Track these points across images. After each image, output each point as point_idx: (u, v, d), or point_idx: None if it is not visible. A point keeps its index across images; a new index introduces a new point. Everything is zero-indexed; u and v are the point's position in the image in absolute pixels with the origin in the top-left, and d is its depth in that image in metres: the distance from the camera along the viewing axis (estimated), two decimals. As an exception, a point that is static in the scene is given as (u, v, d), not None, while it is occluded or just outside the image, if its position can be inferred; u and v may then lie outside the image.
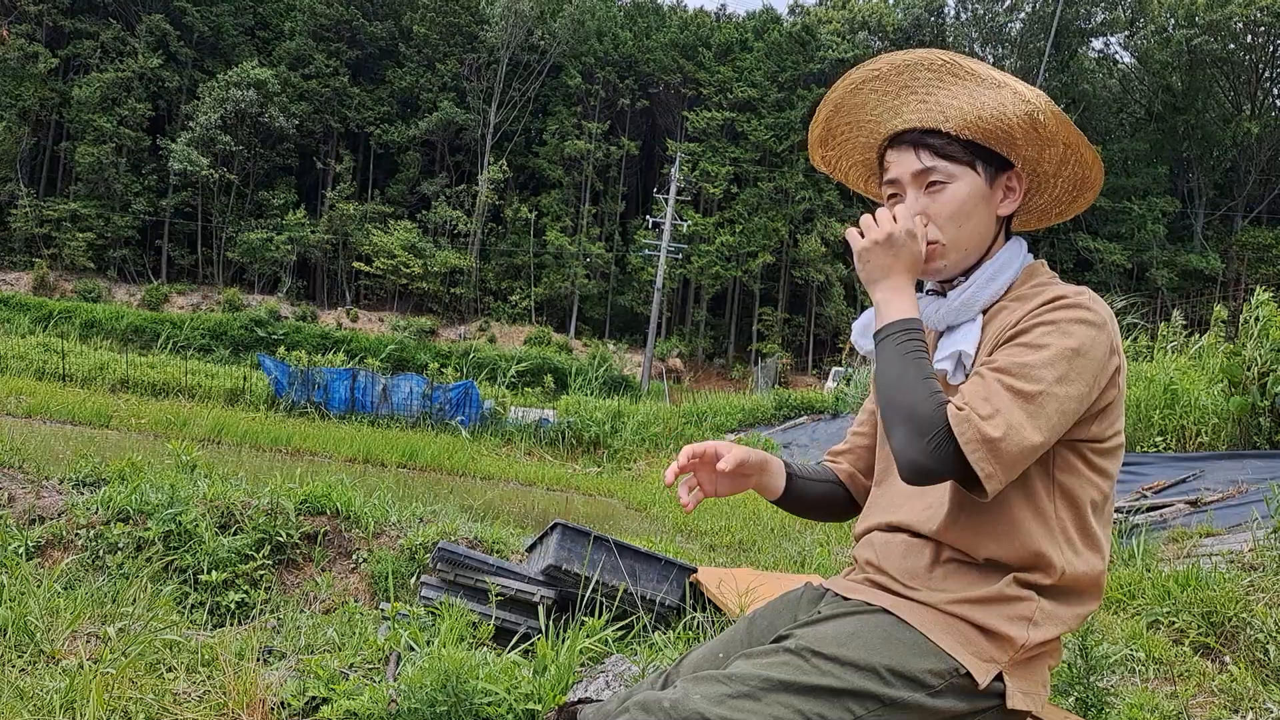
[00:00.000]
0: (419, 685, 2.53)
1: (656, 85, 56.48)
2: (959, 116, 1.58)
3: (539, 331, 49.79)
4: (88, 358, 22.70)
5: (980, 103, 1.57)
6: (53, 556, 4.72)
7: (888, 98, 1.65)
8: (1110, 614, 3.74)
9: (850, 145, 1.78)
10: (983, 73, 1.57)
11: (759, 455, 1.77)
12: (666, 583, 3.92)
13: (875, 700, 1.43)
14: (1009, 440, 1.41)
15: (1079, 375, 1.46)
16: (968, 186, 1.60)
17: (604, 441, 19.10)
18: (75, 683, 2.45)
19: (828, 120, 1.76)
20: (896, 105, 1.64)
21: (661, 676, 1.72)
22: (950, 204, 1.60)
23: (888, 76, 1.63)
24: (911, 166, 1.62)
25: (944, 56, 1.59)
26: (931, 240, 1.61)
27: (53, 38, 50.65)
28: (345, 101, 54.25)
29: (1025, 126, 1.56)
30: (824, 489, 1.88)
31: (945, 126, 1.59)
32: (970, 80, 1.57)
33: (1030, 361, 1.45)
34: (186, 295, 48.86)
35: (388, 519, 5.84)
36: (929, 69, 1.60)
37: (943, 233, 1.61)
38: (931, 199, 1.61)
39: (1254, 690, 2.78)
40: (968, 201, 1.60)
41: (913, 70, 1.61)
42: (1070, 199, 1.75)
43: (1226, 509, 5.75)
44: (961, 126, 1.59)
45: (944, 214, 1.60)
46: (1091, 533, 1.55)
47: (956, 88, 1.58)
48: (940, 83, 1.59)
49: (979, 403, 1.43)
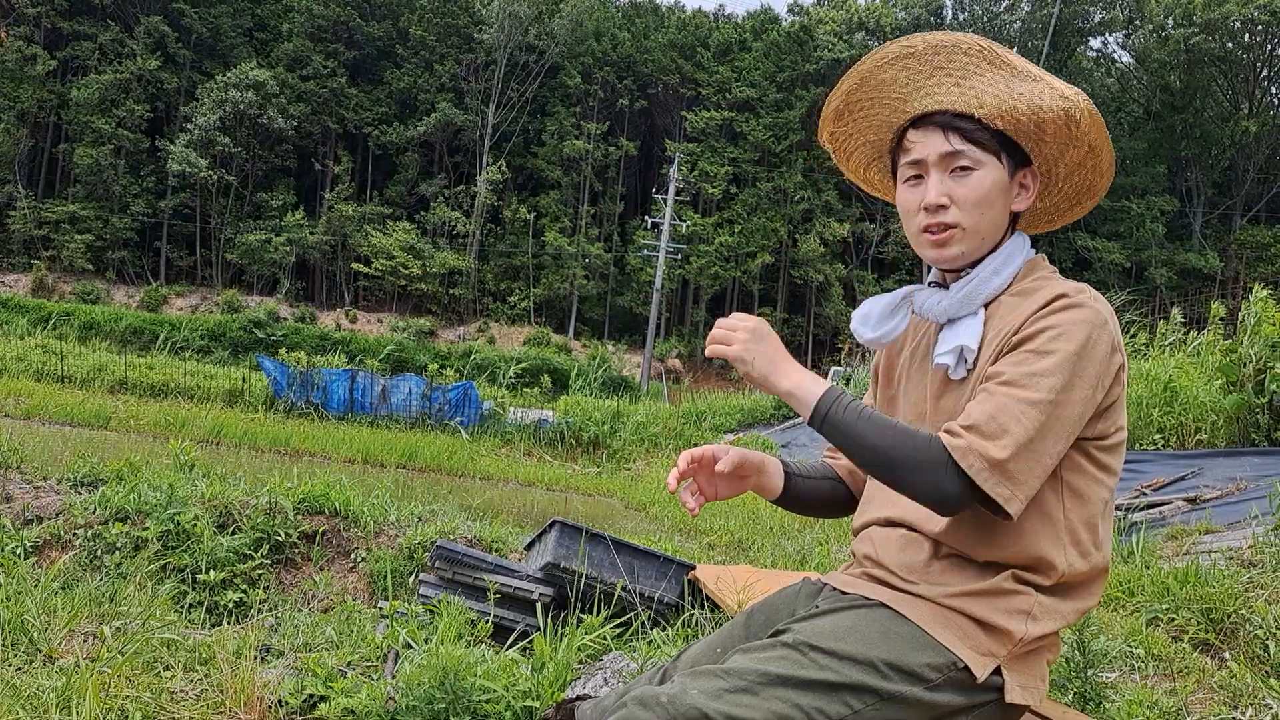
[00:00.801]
0: (417, 683, 2.53)
1: (655, 85, 56.50)
2: (994, 104, 1.56)
3: (538, 332, 49.80)
4: (86, 359, 22.68)
5: (1017, 93, 1.55)
6: (50, 556, 4.72)
7: (920, 76, 1.62)
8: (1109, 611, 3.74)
9: (866, 123, 1.73)
10: (1019, 65, 1.56)
11: (757, 456, 1.77)
12: (665, 580, 3.92)
13: (873, 694, 1.43)
14: (1019, 458, 1.41)
15: (1084, 379, 1.45)
16: (993, 175, 1.59)
17: (603, 442, 19.10)
18: (72, 681, 2.44)
19: (849, 93, 1.71)
20: (929, 85, 1.61)
21: (659, 672, 1.72)
22: (976, 190, 1.58)
23: (923, 55, 1.61)
24: (940, 148, 1.59)
25: (982, 43, 1.57)
26: (952, 223, 1.59)
27: (51, 39, 50.63)
28: (343, 102, 54.26)
29: (1059, 123, 1.54)
30: (824, 486, 1.87)
31: (979, 113, 1.57)
32: (1007, 70, 1.56)
33: (1036, 370, 1.44)
34: (185, 297, 48.86)
35: (386, 518, 5.84)
36: (966, 53, 1.58)
37: (965, 217, 1.59)
38: (957, 183, 1.59)
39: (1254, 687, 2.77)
40: (991, 190, 1.59)
41: (949, 52, 1.59)
42: (1069, 206, 1.74)
43: (1225, 506, 5.75)
44: (994, 115, 1.56)
45: (969, 199, 1.58)
46: (1096, 530, 1.54)
47: (993, 75, 1.57)
48: (976, 68, 1.57)
49: (985, 422, 1.42)
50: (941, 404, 1.63)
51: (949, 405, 1.61)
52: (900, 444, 1.45)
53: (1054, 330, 1.47)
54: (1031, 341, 1.48)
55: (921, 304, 1.68)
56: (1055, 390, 1.43)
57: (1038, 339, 1.47)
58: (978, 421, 1.43)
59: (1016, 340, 1.50)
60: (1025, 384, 1.44)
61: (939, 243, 1.61)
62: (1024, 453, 1.41)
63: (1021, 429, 1.41)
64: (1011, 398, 1.43)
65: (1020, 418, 1.41)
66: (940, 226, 1.60)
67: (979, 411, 1.44)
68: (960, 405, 1.58)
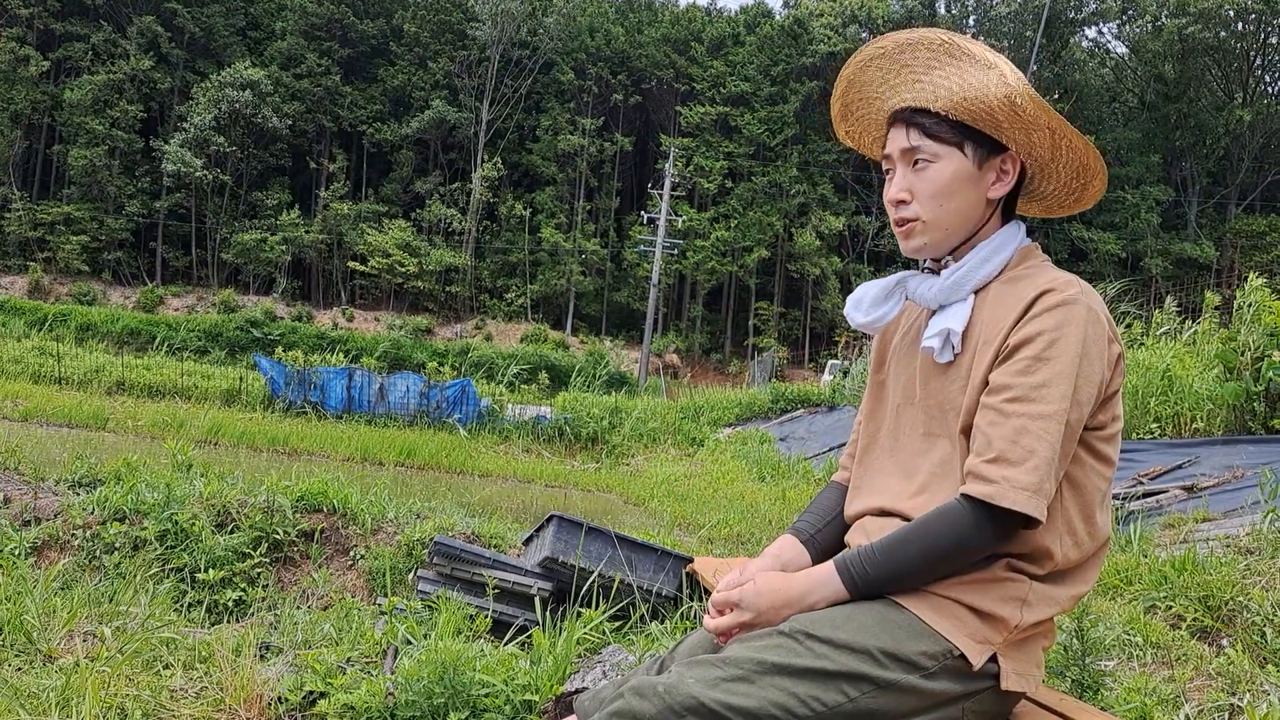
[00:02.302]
0: (416, 678, 2.53)
1: (649, 80, 56.42)
2: (948, 96, 1.58)
3: (535, 329, 49.79)
4: (83, 360, 22.62)
5: (968, 83, 1.56)
6: (49, 557, 4.72)
7: (890, 75, 1.66)
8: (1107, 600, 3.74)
9: (866, 121, 1.79)
10: (978, 53, 1.57)
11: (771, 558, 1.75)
12: (663, 573, 3.93)
13: (869, 682, 1.43)
14: (1048, 475, 1.45)
15: (1089, 380, 1.48)
16: (952, 167, 1.61)
17: (602, 438, 19.08)
18: (72, 681, 2.44)
19: (843, 96, 1.77)
20: (896, 83, 1.66)
21: (657, 662, 1.72)
22: (932, 183, 1.61)
23: (890, 54, 1.65)
24: (900, 144, 1.64)
25: (943, 36, 1.59)
26: (911, 217, 1.63)
27: (43, 41, 50.49)
28: (337, 101, 54.18)
29: (1005, 109, 1.55)
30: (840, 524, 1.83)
31: (935, 106, 1.60)
32: (965, 60, 1.57)
33: (1042, 381, 1.46)
34: (181, 297, 48.80)
35: (385, 515, 5.83)
36: (928, 48, 1.60)
37: (924, 210, 1.62)
38: (917, 176, 1.63)
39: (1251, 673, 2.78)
40: (951, 182, 1.61)
41: (913, 49, 1.62)
42: (1081, 186, 1.73)
43: (1222, 494, 5.76)
44: (949, 107, 1.58)
45: (925, 192, 1.62)
46: (1093, 520, 1.56)
47: (950, 68, 1.58)
48: (936, 62, 1.60)
49: (1009, 449, 1.45)
50: (930, 388, 1.64)
51: (937, 389, 1.62)
52: (930, 544, 1.49)
53: (1050, 334, 1.48)
54: (1029, 347, 1.49)
55: (914, 290, 1.70)
56: (1064, 398, 1.45)
57: (1035, 344, 1.48)
58: (1003, 452, 1.45)
59: (1014, 345, 1.51)
60: (1035, 398, 1.46)
61: (903, 234, 1.66)
62: (1048, 467, 1.45)
63: (1045, 446, 1.44)
64: (1027, 416, 1.46)
65: (1042, 435, 1.44)
66: (901, 220, 1.65)
67: (999, 438, 1.47)
68: (949, 391, 1.59)
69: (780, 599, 1.54)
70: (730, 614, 1.57)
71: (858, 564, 1.52)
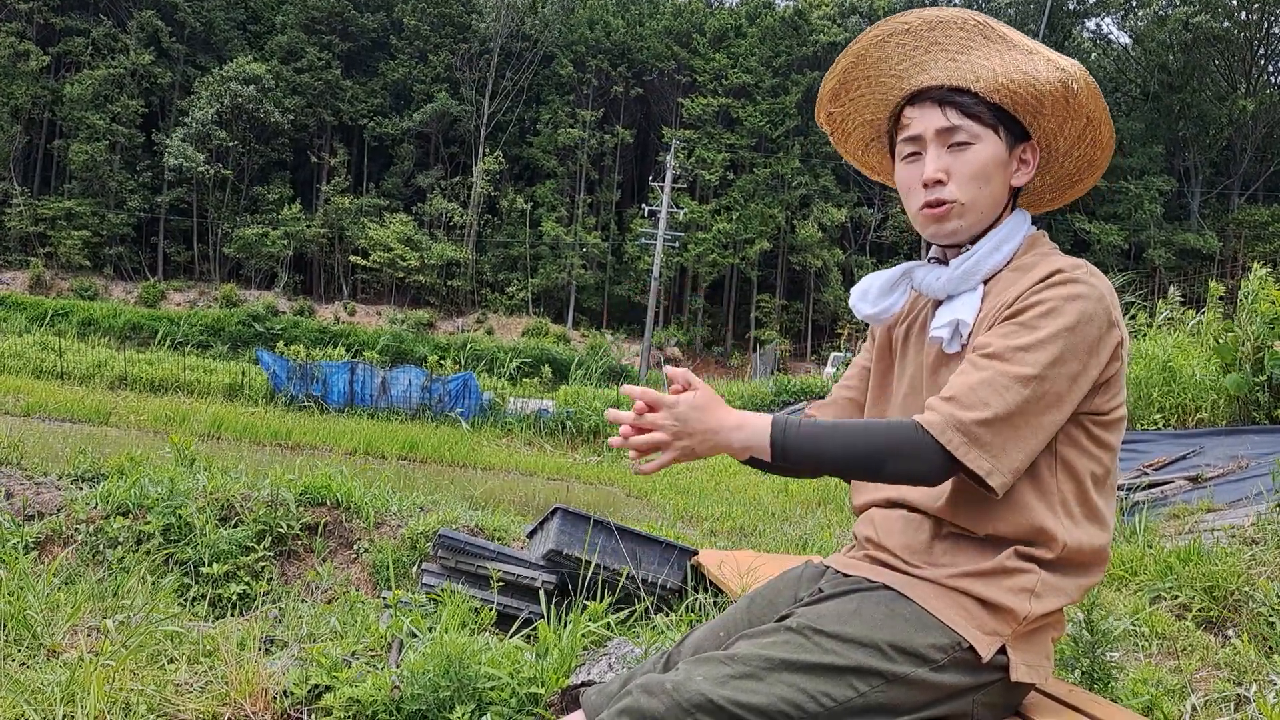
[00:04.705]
0: (421, 671, 2.53)
1: (650, 72, 56.35)
2: (990, 78, 1.55)
3: (537, 323, 49.79)
4: (85, 356, 22.66)
5: (1013, 66, 1.54)
6: (52, 552, 4.71)
7: (916, 53, 1.61)
8: (1113, 591, 3.74)
9: (863, 102, 1.73)
10: (1015, 38, 1.55)
11: None
12: (668, 565, 3.92)
13: (878, 676, 1.43)
14: (998, 431, 1.40)
15: (1075, 354, 1.44)
16: (990, 149, 1.57)
17: (604, 430, 19.10)
18: (75, 675, 2.44)
19: (845, 72, 1.70)
20: (924, 61, 1.60)
21: (663, 658, 1.72)
22: (974, 164, 1.57)
23: (918, 31, 1.60)
24: (936, 123, 1.58)
25: (978, 17, 1.56)
26: (949, 199, 1.58)
27: (44, 35, 50.46)
28: (338, 95, 54.13)
29: (1057, 95, 1.53)
30: None
31: (975, 86, 1.56)
32: (1002, 44, 1.55)
33: (1023, 344, 1.43)
34: (183, 292, 48.84)
35: (388, 509, 5.83)
36: (961, 28, 1.57)
37: (962, 192, 1.58)
38: (954, 157, 1.58)
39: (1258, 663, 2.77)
40: (989, 164, 1.58)
41: (944, 27, 1.58)
42: (1071, 182, 1.73)
43: (1227, 484, 5.74)
44: (991, 89, 1.55)
45: (966, 173, 1.57)
46: (1093, 505, 1.53)
47: (988, 49, 1.56)
48: (972, 43, 1.57)
49: (965, 394, 1.42)
50: (938, 378, 1.62)
51: (945, 380, 1.60)
52: (867, 438, 1.45)
53: (1046, 305, 1.46)
54: (1023, 315, 1.47)
55: (921, 280, 1.68)
56: (1042, 365, 1.42)
57: (1029, 313, 1.47)
58: (958, 393, 1.43)
59: (1009, 313, 1.49)
60: (1011, 358, 1.43)
61: (937, 217, 1.60)
62: (1003, 426, 1.40)
63: (1002, 402, 1.40)
64: (995, 371, 1.43)
65: (1003, 392, 1.41)
66: (938, 201, 1.59)
67: (960, 383, 1.44)
68: None
69: (714, 420, 1.47)
70: (654, 432, 1.48)
71: (794, 426, 1.47)
